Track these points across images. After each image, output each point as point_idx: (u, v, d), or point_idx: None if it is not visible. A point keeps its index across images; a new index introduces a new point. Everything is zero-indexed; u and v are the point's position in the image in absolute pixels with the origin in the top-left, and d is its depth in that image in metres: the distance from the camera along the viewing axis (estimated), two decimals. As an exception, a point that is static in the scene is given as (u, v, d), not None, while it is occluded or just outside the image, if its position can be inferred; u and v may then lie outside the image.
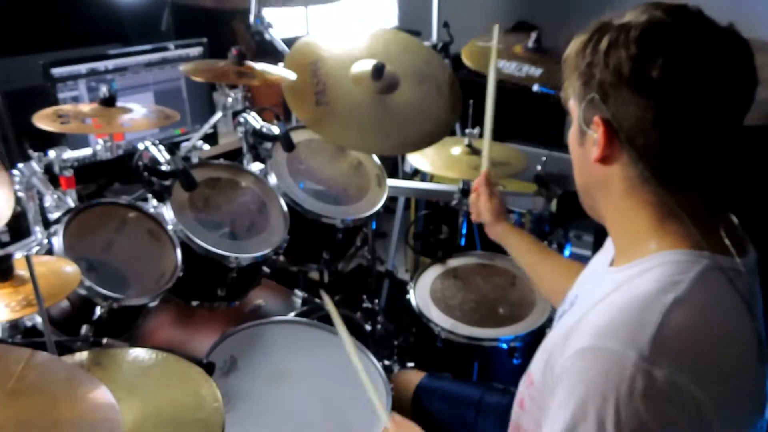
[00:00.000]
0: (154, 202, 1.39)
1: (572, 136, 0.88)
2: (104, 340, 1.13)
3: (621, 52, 0.76)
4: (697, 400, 0.69)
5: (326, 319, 1.50)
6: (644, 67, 0.75)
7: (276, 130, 1.60)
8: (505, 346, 1.58)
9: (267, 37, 1.86)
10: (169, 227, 1.35)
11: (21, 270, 0.96)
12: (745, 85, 0.79)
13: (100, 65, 1.86)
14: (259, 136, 1.62)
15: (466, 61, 2.06)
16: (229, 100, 1.65)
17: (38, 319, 1.19)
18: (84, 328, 1.18)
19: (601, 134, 0.80)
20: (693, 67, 0.74)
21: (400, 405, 1.33)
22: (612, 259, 0.92)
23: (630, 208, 0.83)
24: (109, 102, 1.36)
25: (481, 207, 1.44)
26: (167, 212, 1.36)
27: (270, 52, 1.94)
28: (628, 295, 0.76)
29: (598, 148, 0.81)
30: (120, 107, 1.37)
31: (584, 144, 0.85)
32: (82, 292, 1.16)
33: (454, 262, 1.86)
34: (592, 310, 0.79)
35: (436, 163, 1.92)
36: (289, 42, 1.75)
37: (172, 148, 1.37)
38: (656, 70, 0.74)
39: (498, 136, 2.10)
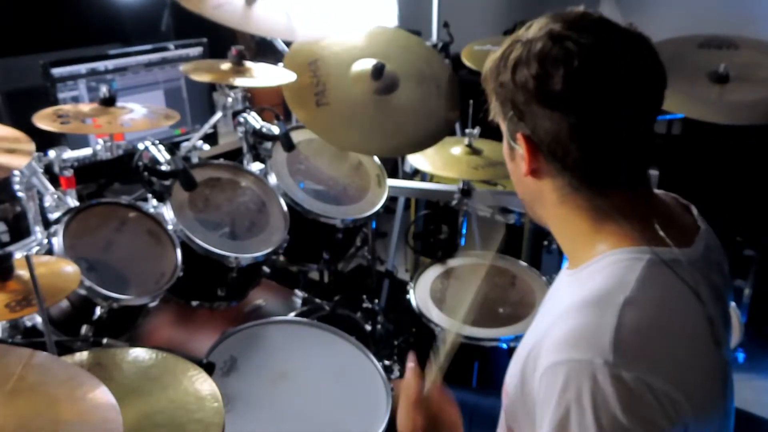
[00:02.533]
0: (154, 202, 1.39)
1: (505, 150, 0.90)
2: (104, 340, 1.13)
3: (524, 70, 0.78)
4: (670, 397, 0.70)
5: (326, 319, 1.51)
6: (547, 83, 0.76)
7: (276, 130, 1.60)
8: (505, 346, 1.58)
9: (267, 37, 1.86)
10: (169, 227, 1.35)
11: (21, 270, 0.96)
12: (651, 81, 0.80)
13: (100, 65, 1.86)
14: (259, 136, 1.62)
15: (467, 61, 2.06)
16: (229, 100, 1.65)
17: (38, 319, 1.19)
18: (84, 328, 1.18)
19: (524, 150, 0.82)
20: (594, 75, 0.75)
21: (393, 417, 1.33)
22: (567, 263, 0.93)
23: (566, 214, 0.85)
24: (109, 102, 1.36)
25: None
26: (167, 212, 1.36)
27: (270, 52, 1.94)
28: (580, 301, 0.77)
29: (524, 163, 0.83)
30: (120, 107, 1.37)
31: (514, 158, 0.87)
32: (82, 292, 1.16)
33: (454, 262, 1.86)
34: (552, 320, 0.79)
35: (436, 163, 1.92)
36: (289, 42, 1.75)
37: (172, 148, 1.37)
38: (558, 83, 0.75)
39: (498, 136, 2.11)
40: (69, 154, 1.37)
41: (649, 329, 0.73)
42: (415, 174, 2.43)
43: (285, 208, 1.54)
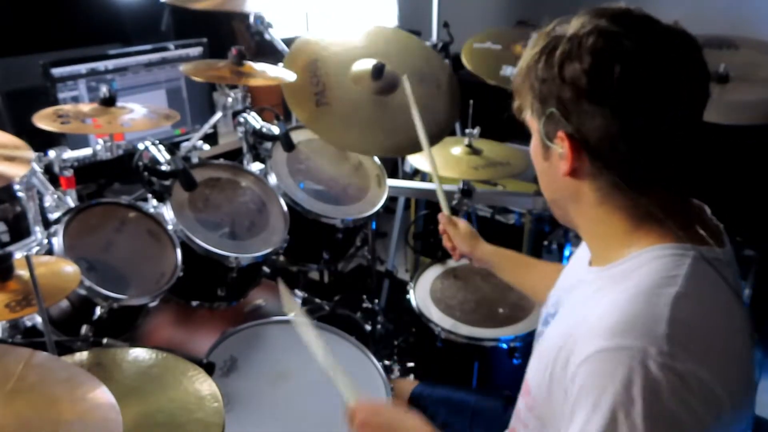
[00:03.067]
0: (154, 202, 1.39)
1: (535, 150, 0.88)
2: (104, 340, 1.13)
3: (576, 65, 0.76)
4: (715, 392, 0.70)
5: (326, 319, 1.51)
6: (601, 78, 0.75)
7: (276, 130, 1.60)
8: (505, 346, 1.58)
9: (267, 37, 1.86)
10: (169, 227, 1.35)
11: (21, 270, 0.96)
12: (700, 80, 0.79)
13: (100, 65, 1.86)
14: (259, 136, 1.63)
15: (466, 62, 2.06)
16: (229, 100, 1.65)
17: (38, 319, 1.19)
18: (84, 328, 1.18)
19: (567, 149, 0.80)
20: (649, 71, 0.74)
21: None
22: (589, 260, 0.91)
23: (604, 214, 0.84)
24: (109, 102, 1.36)
25: (455, 242, 1.43)
26: (167, 212, 1.36)
27: (270, 52, 1.94)
28: (627, 294, 0.76)
29: (566, 163, 0.81)
30: (120, 107, 1.37)
31: (549, 158, 0.85)
32: (82, 292, 1.16)
33: (454, 262, 1.86)
34: (589, 312, 0.78)
35: (436, 163, 1.91)
36: (289, 42, 1.75)
37: (172, 148, 1.37)
38: (614, 79, 0.74)
39: (498, 136, 2.10)
40: (69, 154, 1.37)
41: (701, 324, 0.73)
42: (415, 174, 2.43)
43: (285, 208, 1.54)
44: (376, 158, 1.81)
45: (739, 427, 0.78)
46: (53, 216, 1.29)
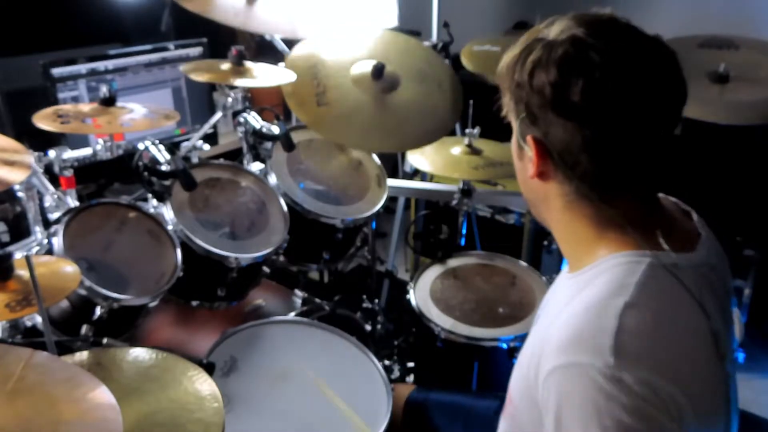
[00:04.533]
0: (154, 202, 1.39)
1: (513, 148, 0.89)
2: (104, 340, 1.13)
3: (542, 75, 0.76)
4: (673, 397, 0.70)
5: (326, 319, 1.51)
6: (565, 92, 0.74)
7: (276, 130, 1.59)
8: (505, 346, 1.58)
9: (267, 37, 1.86)
10: (169, 227, 1.35)
11: (21, 270, 0.96)
12: (672, 98, 0.78)
13: (100, 65, 1.86)
14: (259, 136, 1.62)
15: (466, 63, 2.06)
16: (229, 100, 1.65)
17: (38, 319, 1.19)
18: (84, 328, 1.18)
19: (534, 153, 0.81)
20: (615, 89, 0.74)
21: (393, 417, 1.33)
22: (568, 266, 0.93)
23: (570, 220, 0.85)
24: (109, 102, 1.36)
25: None
26: (167, 212, 1.36)
27: (270, 52, 1.94)
28: (582, 305, 0.76)
29: (532, 166, 0.82)
30: (120, 107, 1.37)
31: (522, 159, 0.87)
32: (82, 292, 1.16)
33: (454, 262, 1.86)
34: (554, 322, 0.79)
35: (436, 163, 1.92)
36: (289, 42, 1.75)
37: (172, 148, 1.37)
38: (576, 94, 0.74)
39: (498, 136, 2.10)
40: (69, 154, 1.37)
41: (650, 332, 0.73)
42: (415, 174, 2.43)
43: (285, 208, 1.54)
44: (376, 158, 1.81)
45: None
46: (53, 216, 1.29)
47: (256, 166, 1.66)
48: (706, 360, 0.78)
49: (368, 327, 1.70)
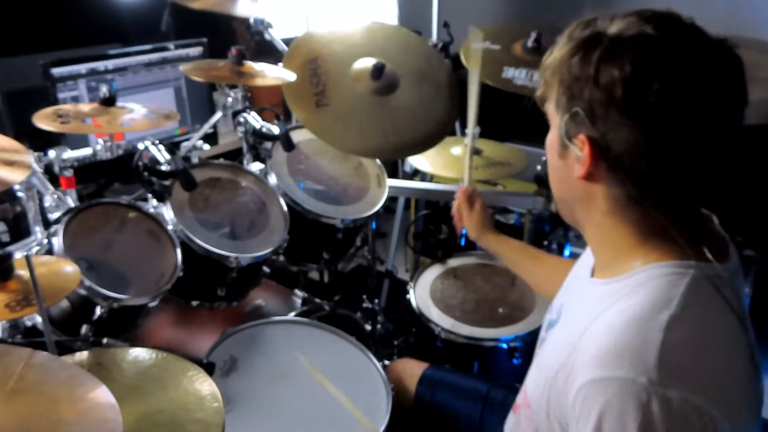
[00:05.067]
0: (154, 202, 1.39)
1: (551, 144, 0.85)
2: (104, 340, 1.13)
3: (614, 71, 0.71)
4: (713, 419, 0.68)
5: (326, 319, 1.51)
6: (639, 92, 0.71)
7: (276, 130, 1.60)
8: (505, 346, 1.58)
9: (267, 37, 1.86)
10: (169, 227, 1.35)
11: (21, 270, 0.96)
12: (738, 104, 0.77)
13: (100, 65, 1.86)
14: (259, 136, 1.62)
15: (465, 62, 2.06)
16: (229, 100, 1.65)
17: (38, 319, 1.19)
18: (84, 328, 1.18)
19: (587, 153, 0.76)
20: (688, 92, 0.71)
21: (403, 395, 1.33)
22: (592, 268, 0.90)
23: (613, 225, 0.81)
24: (109, 102, 1.36)
25: (465, 223, 1.47)
26: (167, 212, 1.36)
27: (270, 52, 1.94)
28: (623, 316, 0.74)
29: (582, 166, 0.78)
30: (120, 107, 1.37)
31: (566, 157, 0.82)
32: (82, 292, 1.16)
33: (454, 262, 1.86)
34: (587, 331, 0.77)
35: (436, 163, 1.92)
36: (289, 42, 1.75)
37: (172, 148, 1.37)
38: (652, 95, 0.70)
39: (498, 136, 2.11)
40: (69, 154, 1.37)
41: (694, 348, 0.71)
42: (415, 174, 2.43)
43: (285, 208, 1.54)
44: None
45: None
46: (53, 216, 1.29)
47: (256, 166, 1.66)
48: (745, 375, 0.77)
49: (368, 327, 1.70)
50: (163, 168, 1.32)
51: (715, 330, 0.75)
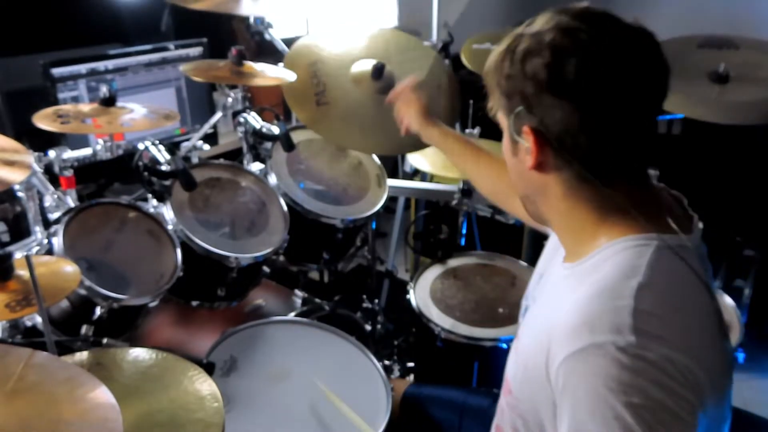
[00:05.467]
0: (154, 202, 1.39)
1: (505, 146, 0.90)
2: (104, 340, 1.13)
3: (536, 59, 0.78)
4: (693, 372, 0.70)
5: (326, 319, 1.51)
6: (560, 71, 0.76)
7: (276, 130, 1.60)
8: (505, 346, 1.58)
9: (267, 37, 1.86)
10: (169, 227, 1.35)
11: (21, 270, 0.96)
12: (657, 74, 0.80)
13: (100, 65, 1.86)
14: (259, 136, 1.62)
15: (466, 62, 2.06)
16: (229, 100, 1.65)
17: (38, 319, 1.19)
18: (84, 328, 1.18)
19: (532, 142, 0.81)
20: (606, 64, 0.76)
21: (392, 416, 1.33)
22: (564, 255, 0.92)
23: (571, 207, 0.85)
24: (109, 102, 1.36)
25: (403, 114, 1.43)
26: (167, 212, 1.36)
27: (270, 52, 1.94)
28: (593, 288, 0.77)
29: (531, 156, 0.82)
30: (120, 107, 1.37)
31: (518, 153, 0.87)
32: (82, 292, 1.16)
33: (454, 262, 1.86)
34: (560, 312, 0.79)
35: (436, 163, 1.92)
36: (289, 42, 1.75)
37: (172, 148, 1.37)
38: (571, 72, 0.75)
39: (498, 136, 2.10)
40: (69, 154, 1.37)
41: (666, 311, 0.74)
42: (415, 174, 2.43)
43: (285, 208, 1.54)
44: (376, 158, 1.81)
45: (719, 417, 0.79)
46: (53, 216, 1.29)
47: (256, 166, 1.66)
48: (715, 338, 0.79)
49: (368, 327, 1.70)
50: (163, 168, 1.32)
51: (683, 293, 0.78)
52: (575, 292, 0.79)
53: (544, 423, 0.83)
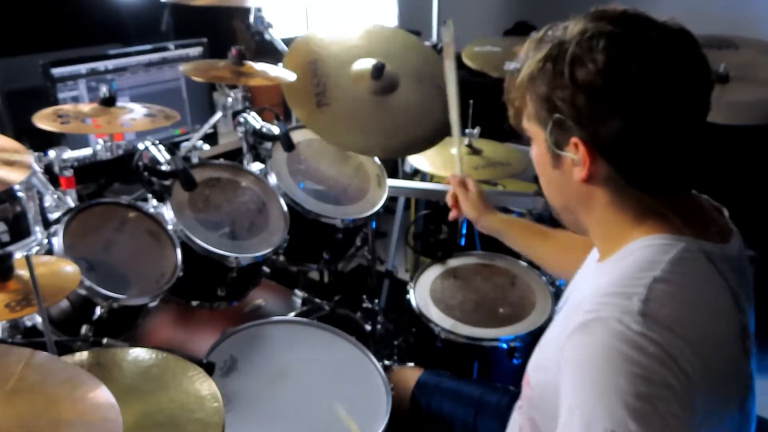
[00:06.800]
0: (154, 202, 1.39)
1: (541, 159, 0.87)
2: (104, 340, 1.13)
3: (588, 67, 0.75)
4: (694, 368, 0.69)
5: (326, 319, 1.51)
6: (618, 77, 0.74)
7: (276, 130, 1.60)
8: (505, 346, 1.58)
9: (267, 37, 1.86)
10: (169, 227, 1.35)
11: (21, 270, 0.96)
12: (704, 76, 0.79)
13: (100, 65, 1.86)
14: (259, 136, 1.62)
15: (468, 62, 2.06)
16: (229, 100, 1.65)
17: (38, 319, 1.19)
18: (84, 328, 1.18)
19: (584, 154, 0.79)
20: (661, 70, 0.74)
21: (399, 401, 1.33)
22: (597, 259, 0.92)
23: (612, 213, 0.84)
24: (109, 102, 1.36)
25: (462, 206, 1.45)
26: (167, 212, 1.36)
27: (270, 52, 1.94)
28: (611, 277, 0.77)
29: (582, 169, 0.80)
30: (120, 107, 1.37)
31: (560, 166, 0.84)
32: (82, 292, 1.16)
33: (454, 262, 1.86)
34: (582, 304, 0.79)
35: (436, 163, 1.92)
36: (289, 42, 1.75)
37: (172, 148, 1.37)
38: (630, 80, 0.74)
39: (498, 136, 2.10)
40: (69, 154, 1.37)
41: (677, 306, 0.73)
42: (415, 174, 2.43)
43: (285, 208, 1.54)
44: (376, 158, 1.81)
45: (729, 422, 0.78)
46: (53, 216, 1.29)
47: (256, 166, 1.66)
48: (731, 346, 0.78)
49: (368, 327, 1.70)
50: (163, 168, 1.32)
51: (700, 293, 0.77)
52: (597, 281, 0.80)
53: (557, 412, 0.83)
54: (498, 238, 1.43)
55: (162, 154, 1.34)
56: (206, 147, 1.66)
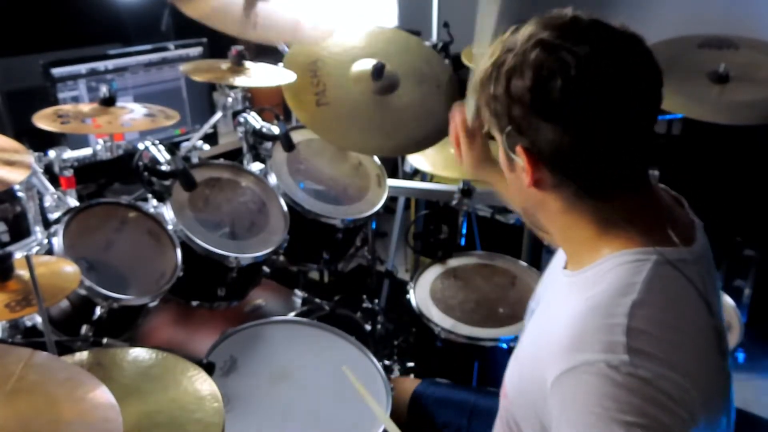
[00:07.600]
0: (154, 202, 1.39)
1: (502, 160, 0.88)
2: (104, 340, 1.13)
3: (519, 82, 0.76)
4: (688, 392, 0.70)
5: (326, 319, 1.51)
6: (544, 94, 0.74)
7: (276, 130, 1.60)
8: (505, 346, 1.58)
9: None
10: (169, 227, 1.35)
11: (21, 270, 0.96)
12: (648, 82, 0.78)
13: (100, 65, 1.86)
14: (259, 136, 1.63)
15: (468, 63, 2.06)
16: (229, 100, 1.65)
17: (38, 319, 1.19)
18: (84, 328, 1.18)
19: (526, 162, 0.80)
20: (593, 83, 0.73)
21: (397, 411, 1.33)
22: (565, 260, 0.92)
23: (570, 222, 0.84)
24: (109, 102, 1.36)
25: (464, 155, 1.37)
26: (167, 212, 1.36)
27: (270, 52, 1.94)
28: (587, 304, 0.76)
29: (526, 175, 0.81)
30: (120, 107, 1.37)
31: (514, 169, 0.86)
32: (82, 292, 1.16)
33: (454, 262, 1.86)
34: (555, 323, 0.78)
35: (436, 163, 1.92)
36: (288, 42, 1.75)
37: (172, 148, 1.37)
38: (556, 93, 0.73)
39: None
40: (69, 154, 1.37)
41: (659, 329, 0.73)
42: (415, 174, 2.43)
43: (285, 208, 1.54)
44: (376, 158, 1.81)
45: (717, 428, 0.78)
46: (53, 216, 1.29)
47: (256, 166, 1.66)
48: (711, 357, 0.78)
49: (368, 327, 1.70)
50: (163, 168, 1.32)
51: (679, 311, 0.77)
52: (572, 304, 0.78)
53: (534, 423, 0.83)
54: (494, 188, 1.36)
55: (162, 154, 1.34)
56: (206, 147, 1.66)
